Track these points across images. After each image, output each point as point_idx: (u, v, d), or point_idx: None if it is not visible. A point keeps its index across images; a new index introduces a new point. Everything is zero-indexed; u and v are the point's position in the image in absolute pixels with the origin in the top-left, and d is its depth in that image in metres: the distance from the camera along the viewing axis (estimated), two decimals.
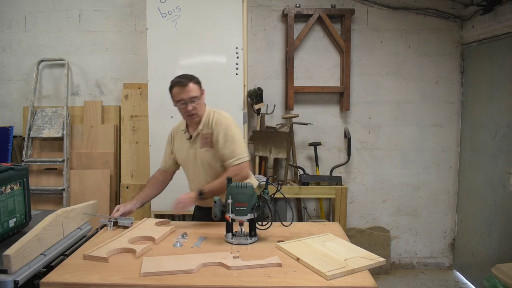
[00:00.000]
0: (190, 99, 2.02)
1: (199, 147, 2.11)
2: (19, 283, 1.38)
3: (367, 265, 1.50)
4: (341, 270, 1.44)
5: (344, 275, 1.43)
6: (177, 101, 2.05)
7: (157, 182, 2.30)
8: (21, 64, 3.56)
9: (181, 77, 2.06)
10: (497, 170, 3.07)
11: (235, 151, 2.03)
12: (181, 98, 2.02)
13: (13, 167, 1.77)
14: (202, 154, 2.11)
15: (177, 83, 2.04)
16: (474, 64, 3.43)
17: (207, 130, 2.10)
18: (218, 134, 2.06)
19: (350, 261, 1.51)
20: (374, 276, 1.52)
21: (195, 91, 2.04)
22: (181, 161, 2.24)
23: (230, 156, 2.03)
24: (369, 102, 3.62)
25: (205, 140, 2.10)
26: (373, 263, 1.52)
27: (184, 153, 2.18)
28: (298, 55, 3.55)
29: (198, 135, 2.12)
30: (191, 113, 2.05)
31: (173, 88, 2.05)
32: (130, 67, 3.55)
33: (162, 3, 2.96)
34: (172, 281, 1.40)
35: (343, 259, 1.53)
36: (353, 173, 3.67)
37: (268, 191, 1.80)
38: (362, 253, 1.61)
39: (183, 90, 2.02)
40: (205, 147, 2.10)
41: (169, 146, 2.29)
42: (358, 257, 1.56)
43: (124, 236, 1.80)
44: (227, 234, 1.82)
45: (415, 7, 3.53)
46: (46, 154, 3.47)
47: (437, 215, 3.73)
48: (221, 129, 2.06)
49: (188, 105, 2.02)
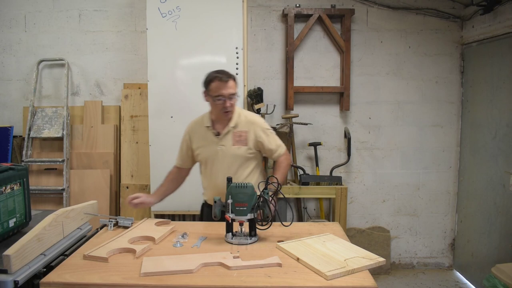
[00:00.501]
0: (229, 96, 2.04)
1: (231, 144, 2.13)
2: (19, 283, 1.38)
3: (367, 265, 1.50)
4: (341, 270, 1.44)
5: (344, 275, 1.43)
6: (215, 96, 2.05)
7: (175, 177, 2.32)
8: (21, 64, 3.56)
9: (221, 72, 2.07)
10: (497, 170, 3.07)
11: (277, 142, 2.21)
12: (221, 93, 2.03)
13: (13, 167, 1.77)
14: (233, 151, 2.13)
15: (217, 78, 2.04)
16: (474, 64, 3.43)
17: (241, 128, 2.14)
18: (257, 132, 2.15)
19: (350, 261, 1.52)
20: (374, 276, 1.52)
21: (234, 89, 2.07)
22: (203, 158, 2.22)
23: (276, 148, 2.19)
24: (369, 102, 3.62)
25: (238, 138, 2.13)
26: (373, 263, 1.52)
27: (209, 150, 2.18)
28: (298, 55, 3.55)
29: (228, 132, 2.14)
30: (228, 110, 2.07)
31: (212, 82, 2.05)
32: (130, 67, 3.55)
33: (162, 3, 2.96)
34: (172, 281, 1.40)
35: (343, 259, 1.53)
36: (353, 173, 3.67)
37: (268, 191, 1.80)
38: (362, 253, 1.61)
39: (223, 85, 2.03)
40: (237, 145, 2.13)
41: (186, 144, 2.26)
42: (358, 257, 1.56)
43: (124, 236, 1.80)
44: (227, 234, 1.82)
45: (415, 7, 3.53)
46: (46, 154, 3.47)
47: (437, 215, 3.73)
48: (258, 127, 2.16)
49: (226, 101, 2.04)
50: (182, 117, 3.02)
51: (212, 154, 2.17)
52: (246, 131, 2.14)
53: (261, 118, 2.26)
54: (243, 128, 2.14)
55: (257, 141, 2.16)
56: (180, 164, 2.31)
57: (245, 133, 2.14)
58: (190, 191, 2.83)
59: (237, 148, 2.13)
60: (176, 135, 3.00)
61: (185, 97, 3.00)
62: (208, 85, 2.07)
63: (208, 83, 2.07)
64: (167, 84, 3.03)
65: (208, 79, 2.08)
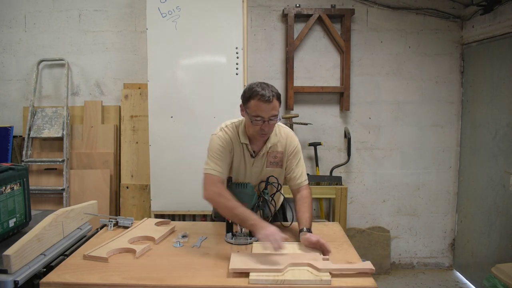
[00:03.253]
0: (269, 118, 1.75)
1: (265, 166, 1.92)
2: (19, 283, 1.38)
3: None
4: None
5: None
6: (255, 116, 1.74)
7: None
8: (21, 64, 3.56)
9: (265, 88, 1.74)
10: (497, 170, 3.07)
11: (303, 170, 1.95)
12: (260, 115, 1.73)
13: (13, 167, 1.77)
14: (267, 172, 1.92)
15: (260, 96, 1.71)
16: (474, 64, 3.43)
17: (277, 148, 1.91)
18: (292, 154, 1.92)
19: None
20: (374, 276, 1.52)
21: (277, 109, 1.77)
22: (234, 175, 1.95)
23: (300, 176, 1.93)
24: (369, 102, 3.62)
25: (273, 160, 1.91)
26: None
27: (244, 170, 1.93)
28: (298, 55, 3.55)
29: (264, 154, 1.90)
30: (264, 132, 1.79)
31: (253, 100, 1.73)
32: (130, 67, 3.55)
33: (162, 3, 2.96)
34: (172, 281, 1.40)
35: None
36: (353, 173, 3.67)
37: (268, 191, 1.80)
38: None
39: (266, 106, 1.72)
40: (271, 167, 1.92)
41: (230, 155, 1.89)
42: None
43: (124, 236, 1.80)
44: (227, 234, 1.82)
45: (415, 7, 3.53)
46: (46, 154, 3.47)
47: (437, 215, 3.73)
48: (293, 148, 1.93)
49: (266, 124, 1.76)
50: (182, 117, 3.02)
51: (243, 173, 1.94)
52: (282, 152, 1.91)
53: (296, 137, 1.97)
54: (279, 148, 1.91)
55: (286, 164, 1.95)
56: (222, 177, 1.84)
57: (281, 154, 1.91)
58: (190, 191, 2.84)
59: (271, 170, 1.91)
60: (176, 135, 3.03)
61: (185, 97, 3.00)
62: (247, 102, 1.76)
63: (248, 99, 1.76)
64: (167, 84, 3.03)
65: (248, 95, 1.76)
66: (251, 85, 1.78)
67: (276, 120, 1.79)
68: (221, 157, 1.84)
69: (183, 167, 3.01)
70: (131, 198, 3.41)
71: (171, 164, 3.03)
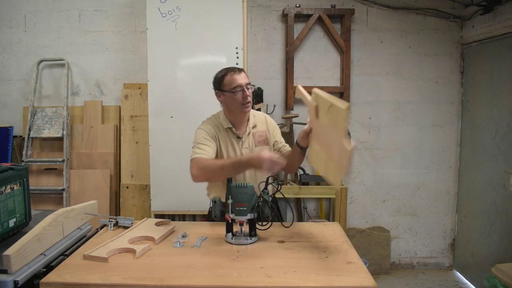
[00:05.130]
0: (246, 85, 1.96)
1: (254, 146, 2.07)
2: (19, 283, 1.38)
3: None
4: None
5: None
6: (234, 87, 1.93)
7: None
8: (21, 64, 3.56)
9: (230, 67, 2.01)
10: (497, 170, 3.07)
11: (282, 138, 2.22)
12: (239, 83, 1.93)
13: (13, 167, 1.77)
14: (256, 151, 2.04)
15: (231, 70, 1.97)
16: (474, 64, 3.43)
17: (260, 128, 2.10)
18: (274, 130, 2.15)
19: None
20: (374, 276, 1.52)
21: (248, 79, 2.00)
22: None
23: (286, 144, 2.19)
24: (369, 102, 3.62)
25: (259, 138, 2.09)
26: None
27: (234, 153, 2.04)
28: (298, 55, 3.55)
29: (249, 133, 2.07)
30: (248, 100, 1.96)
31: (227, 75, 1.96)
32: (130, 67, 3.55)
33: (162, 3, 2.96)
34: (172, 281, 1.40)
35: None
36: (353, 173, 3.67)
37: (268, 191, 1.80)
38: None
39: (239, 76, 1.95)
40: (260, 145, 2.08)
41: (215, 141, 2.02)
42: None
43: (124, 236, 1.80)
44: (227, 234, 1.82)
45: (415, 7, 3.53)
46: (46, 154, 3.47)
47: (437, 215, 3.73)
48: (273, 125, 2.17)
49: (246, 91, 1.95)
50: (182, 117, 3.02)
51: (234, 156, 2.02)
52: (265, 130, 2.11)
53: (267, 115, 2.23)
54: (261, 127, 2.10)
55: (274, 141, 2.14)
56: (206, 155, 1.92)
57: (265, 132, 2.10)
58: (190, 191, 2.84)
59: (261, 149, 2.05)
60: (176, 135, 3.03)
61: (185, 97, 3.00)
62: (222, 81, 1.97)
63: (221, 79, 1.97)
64: (167, 84, 3.03)
65: (219, 76, 1.99)
66: (216, 72, 2.02)
67: (252, 88, 2.00)
68: (206, 141, 1.97)
69: (183, 167, 2.95)
70: (131, 198, 3.41)
71: (171, 164, 3.03)
